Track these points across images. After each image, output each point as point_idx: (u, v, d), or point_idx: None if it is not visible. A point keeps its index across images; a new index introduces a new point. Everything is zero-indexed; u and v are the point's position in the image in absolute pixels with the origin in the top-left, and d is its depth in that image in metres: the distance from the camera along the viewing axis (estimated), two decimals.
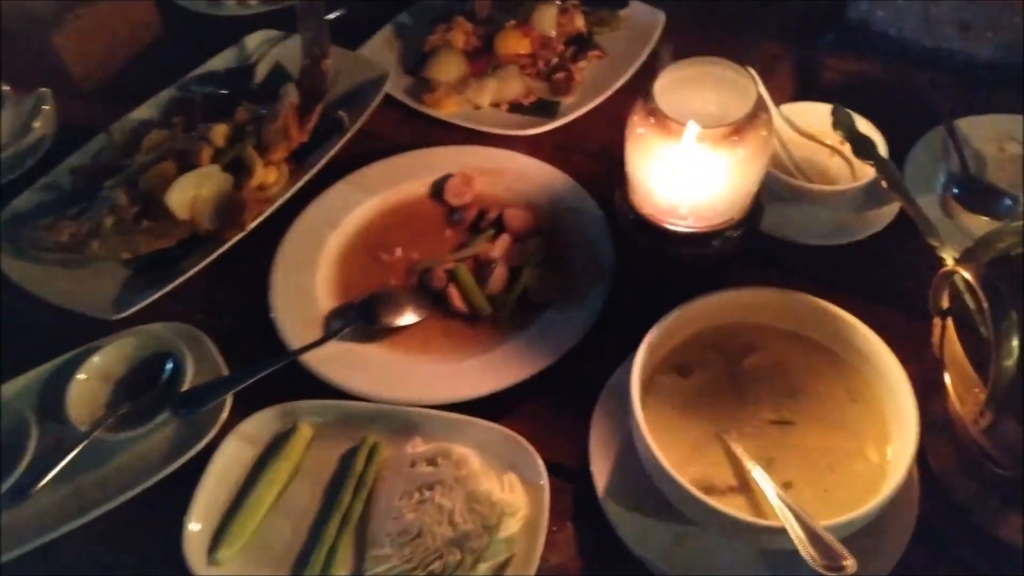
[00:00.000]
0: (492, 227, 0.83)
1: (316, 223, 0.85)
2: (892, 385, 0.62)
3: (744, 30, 1.06)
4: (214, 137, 0.89)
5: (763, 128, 0.62)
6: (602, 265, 0.78)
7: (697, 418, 0.65)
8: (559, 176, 0.87)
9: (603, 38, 1.03)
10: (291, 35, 1.03)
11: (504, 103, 0.97)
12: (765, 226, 0.81)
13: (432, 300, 0.79)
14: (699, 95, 0.63)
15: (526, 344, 0.74)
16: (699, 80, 0.63)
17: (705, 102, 0.63)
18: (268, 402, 0.71)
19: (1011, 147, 0.88)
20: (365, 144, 0.94)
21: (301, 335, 0.76)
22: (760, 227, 0.71)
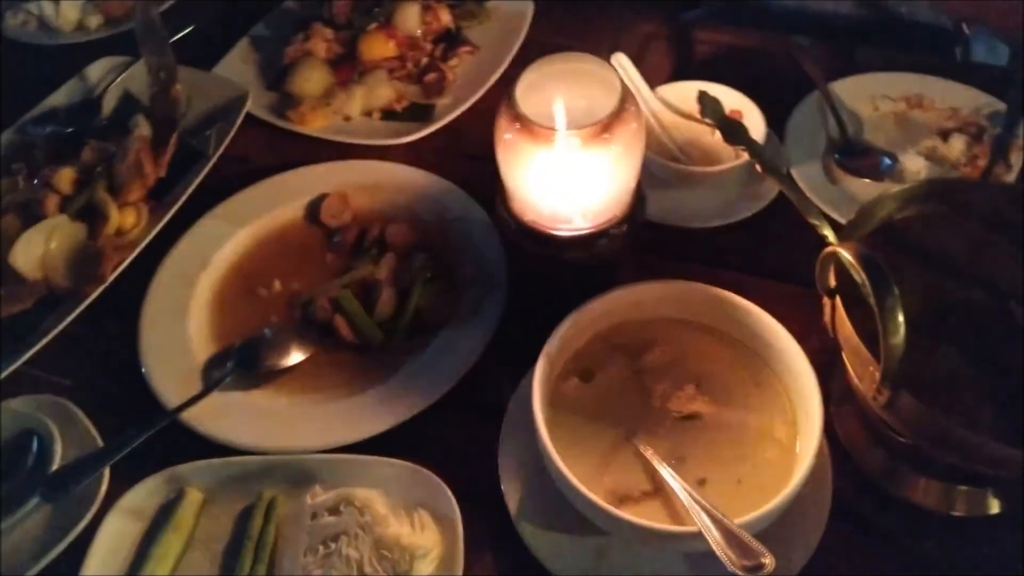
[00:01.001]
0: (375, 247, 0.79)
1: (184, 265, 0.79)
2: (792, 366, 0.62)
3: (616, 10, 1.05)
4: (59, 183, 0.82)
5: (633, 120, 0.60)
6: (494, 276, 0.75)
7: (605, 424, 0.64)
8: (440, 183, 0.84)
9: (473, 32, 1.00)
10: (139, 60, 0.96)
11: (376, 111, 0.93)
12: (654, 214, 0.80)
13: (319, 334, 0.74)
14: (565, 93, 0.61)
15: (423, 369, 0.71)
16: (563, 77, 0.61)
17: (572, 99, 0.61)
18: (150, 470, 0.66)
19: (884, 105, 0.90)
20: (231, 170, 0.89)
21: (178, 391, 0.71)
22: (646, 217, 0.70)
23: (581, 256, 0.67)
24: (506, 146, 0.61)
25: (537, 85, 0.61)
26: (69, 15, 1.06)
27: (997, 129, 0.83)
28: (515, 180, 0.63)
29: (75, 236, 0.79)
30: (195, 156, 0.88)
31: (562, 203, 0.63)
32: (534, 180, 0.61)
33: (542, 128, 0.58)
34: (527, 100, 0.59)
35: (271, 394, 0.71)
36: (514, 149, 0.60)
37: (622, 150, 0.60)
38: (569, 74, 0.62)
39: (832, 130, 0.86)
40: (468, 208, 0.81)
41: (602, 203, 0.64)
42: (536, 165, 0.60)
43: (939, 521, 0.63)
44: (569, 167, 0.60)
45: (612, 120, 0.58)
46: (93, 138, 0.88)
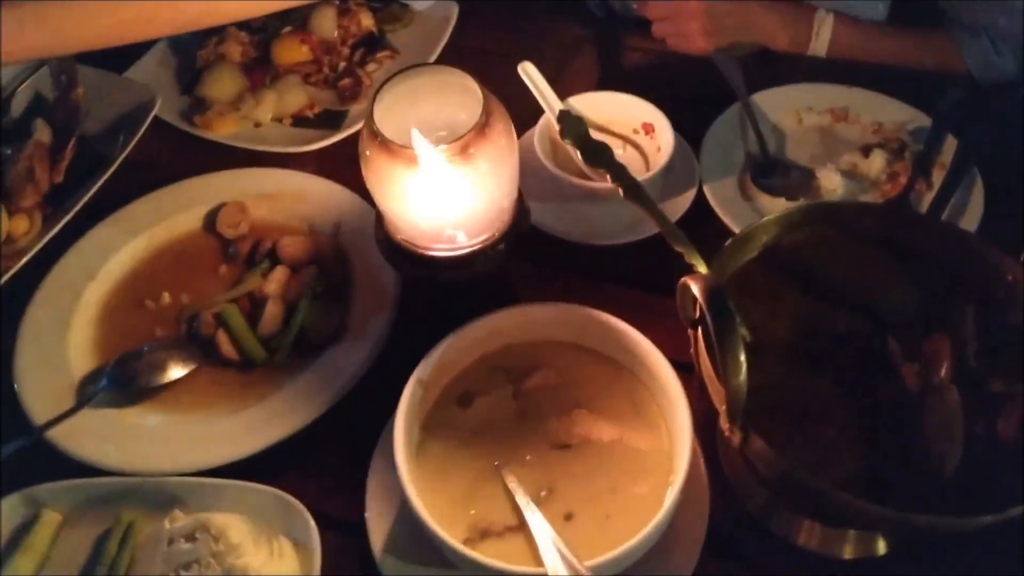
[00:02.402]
0: (267, 259, 0.77)
1: (71, 275, 0.77)
2: (670, 395, 0.59)
3: (542, 16, 1.02)
4: None
5: (501, 136, 0.57)
6: (383, 295, 0.73)
7: (478, 452, 0.61)
8: (342, 194, 0.81)
9: (396, 36, 0.98)
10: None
11: (287, 117, 0.90)
12: (554, 228, 0.77)
13: (202, 350, 0.72)
14: (431, 108, 0.59)
15: (302, 391, 0.68)
16: (429, 91, 0.58)
17: (441, 114, 0.59)
18: (11, 490, 0.64)
19: (809, 118, 0.87)
20: (138, 177, 0.86)
21: (49, 406, 0.68)
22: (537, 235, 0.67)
23: (459, 276, 0.64)
24: (369, 164, 0.58)
25: (403, 99, 0.58)
26: None
27: (919, 146, 0.80)
28: (383, 199, 0.60)
29: None
30: (99, 162, 0.86)
31: (431, 222, 0.60)
32: (398, 199, 0.59)
33: (400, 147, 0.55)
34: (390, 116, 0.57)
35: (145, 412, 0.69)
36: (376, 168, 0.58)
37: (489, 166, 0.57)
38: (439, 87, 0.59)
39: (751, 144, 0.83)
40: (365, 222, 0.78)
41: (474, 221, 0.61)
42: (399, 184, 0.58)
43: (824, 562, 0.60)
44: (433, 186, 0.57)
45: (474, 137, 0.55)
46: None
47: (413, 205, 0.59)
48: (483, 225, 0.62)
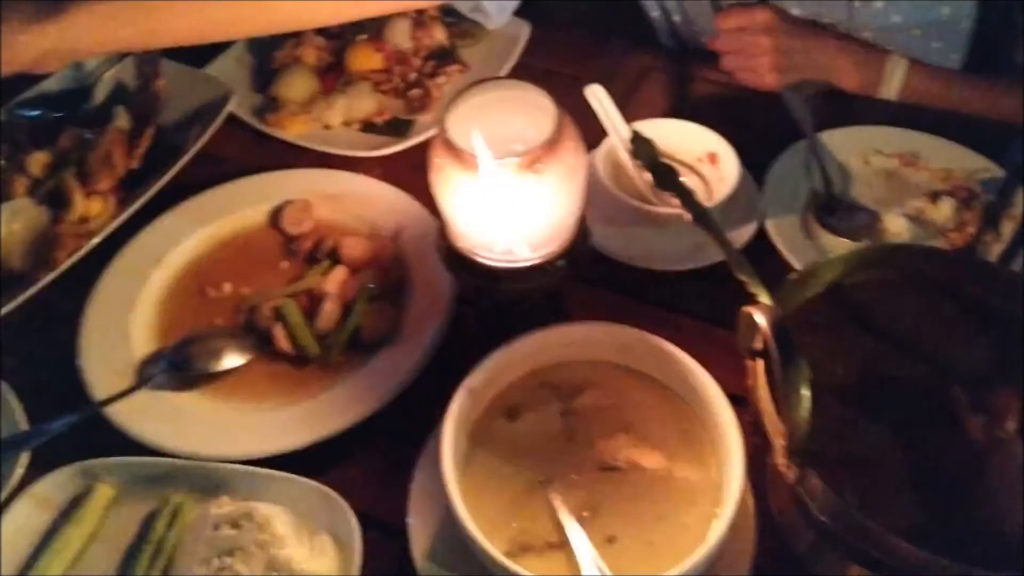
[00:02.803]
0: (328, 258, 0.78)
1: (138, 259, 0.79)
2: (721, 427, 0.59)
3: (616, 39, 1.03)
4: (31, 166, 0.83)
5: (570, 153, 0.57)
6: (439, 300, 0.73)
7: (524, 466, 0.61)
8: (404, 200, 0.82)
9: (467, 51, 0.99)
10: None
11: (356, 122, 0.92)
12: (614, 251, 0.77)
13: (259, 341, 0.73)
14: (502, 121, 0.59)
15: (353, 389, 0.69)
16: (501, 104, 0.59)
17: (512, 128, 0.59)
18: (68, 461, 0.65)
19: (877, 160, 0.86)
20: (208, 169, 0.88)
21: (111, 385, 0.70)
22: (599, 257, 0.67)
23: (517, 288, 0.64)
24: (437, 171, 0.59)
25: (475, 112, 0.59)
26: None
27: (990, 196, 0.79)
28: (448, 206, 0.60)
29: (37, 220, 0.79)
30: (173, 151, 0.88)
31: (494, 233, 0.61)
32: (463, 208, 0.59)
33: (469, 155, 0.56)
34: (462, 126, 0.57)
35: (200, 397, 0.70)
36: (444, 175, 0.58)
37: (557, 182, 0.58)
38: (512, 102, 0.60)
39: (816, 182, 0.82)
40: (425, 228, 0.79)
41: (537, 236, 0.61)
42: (466, 193, 0.58)
43: None
44: (500, 198, 0.58)
45: (545, 151, 0.56)
46: (78, 125, 0.89)
47: (478, 215, 0.60)
48: (545, 240, 0.62)
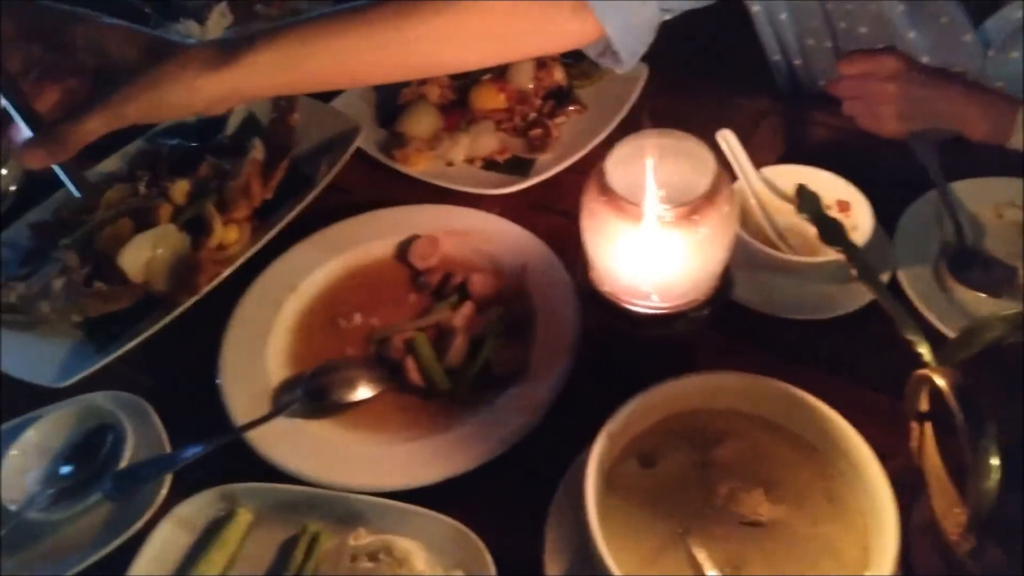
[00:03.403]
0: (456, 293, 0.78)
1: (273, 286, 0.80)
2: (871, 486, 0.56)
3: (731, 83, 1.02)
4: (174, 194, 0.85)
5: (725, 204, 0.57)
6: (567, 339, 0.73)
7: (660, 515, 0.60)
8: (528, 239, 0.82)
9: (584, 92, 0.99)
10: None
11: (478, 160, 0.93)
12: (742, 297, 0.75)
13: (389, 373, 0.74)
14: (658, 169, 0.58)
15: (483, 425, 0.69)
16: (658, 153, 0.58)
17: (665, 176, 0.59)
18: (209, 483, 0.67)
19: (1010, 213, 0.82)
20: (334, 200, 0.90)
21: (248, 410, 0.71)
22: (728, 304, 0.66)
23: (655, 334, 0.64)
24: (591, 215, 0.58)
25: (631, 158, 0.58)
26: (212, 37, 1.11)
27: None
28: (596, 250, 0.60)
29: (179, 245, 0.81)
30: (303, 182, 0.90)
31: (642, 280, 0.60)
32: (615, 253, 0.59)
33: (629, 203, 0.55)
34: (618, 172, 0.57)
35: (335, 427, 0.71)
36: (599, 219, 0.58)
37: (710, 233, 0.57)
38: (665, 150, 0.59)
39: (948, 234, 0.79)
40: (551, 267, 0.79)
41: (684, 285, 0.60)
42: (619, 239, 0.58)
43: None
44: (653, 246, 0.57)
45: (703, 202, 0.55)
46: (213, 155, 0.92)
47: (629, 261, 0.59)
48: (690, 289, 0.61)
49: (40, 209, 0.91)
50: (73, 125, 0.58)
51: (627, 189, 0.56)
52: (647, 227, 0.56)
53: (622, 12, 0.77)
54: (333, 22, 0.65)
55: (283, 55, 0.64)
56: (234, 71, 0.62)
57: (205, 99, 0.62)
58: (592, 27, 0.77)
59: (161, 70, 0.60)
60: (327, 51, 0.66)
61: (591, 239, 0.60)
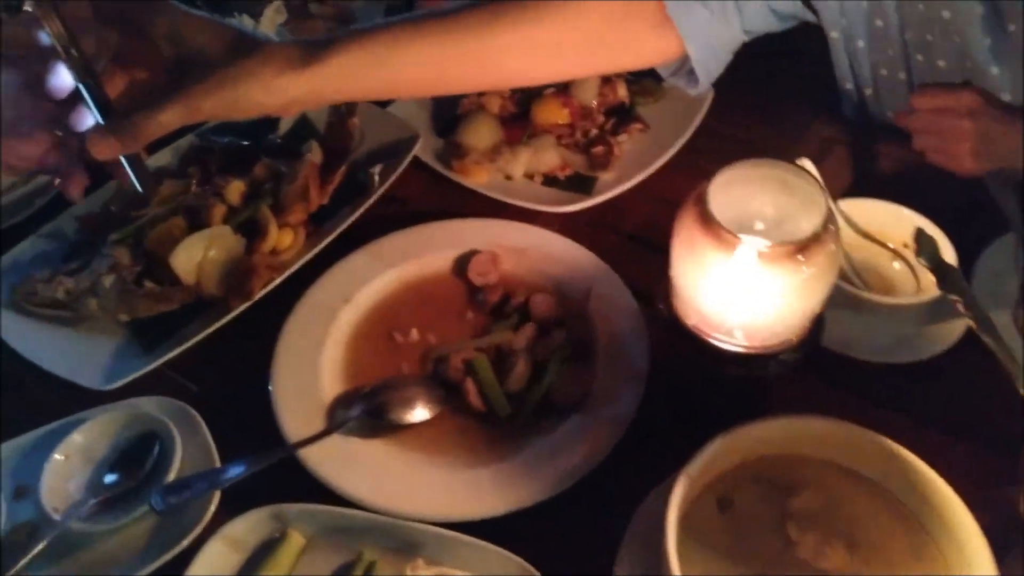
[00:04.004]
0: (516, 314, 0.74)
1: (328, 296, 0.77)
2: (965, 547, 0.53)
3: (796, 108, 0.98)
4: (229, 194, 0.82)
5: (831, 242, 0.53)
6: (634, 367, 0.69)
7: (738, 562, 0.56)
8: (591, 260, 0.78)
9: (646, 109, 0.95)
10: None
11: (538, 175, 0.89)
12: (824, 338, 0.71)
13: (447, 393, 0.70)
14: (761, 202, 0.55)
15: (547, 455, 0.65)
16: (760, 184, 0.55)
17: (767, 209, 0.55)
18: (259, 501, 0.63)
19: None
20: (388, 209, 0.86)
21: (301, 425, 0.67)
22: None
23: (739, 373, 0.60)
24: (687, 245, 0.55)
25: (732, 186, 0.54)
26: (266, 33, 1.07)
27: None
28: (687, 281, 0.56)
29: (233, 248, 0.78)
30: (357, 189, 0.86)
31: (734, 317, 0.56)
32: (709, 286, 0.55)
33: (730, 235, 0.51)
34: (718, 200, 0.53)
35: (391, 448, 0.67)
36: (695, 250, 0.54)
37: (815, 273, 0.53)
38: (767, 180, 0.55)
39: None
40: (616, 290, 0.75)
41: (779, 325, 0.56)
42: (715, 272, 0.54)
43: None
44: (752, 282, 0.53)
45: (811, 242, 0.51)
46: (266, 155, 0.88)
47: (723, 296, 0.55)
48: (783, 328, 0.57)
49: (87, 201, 0.88)
50: (147, 116, 0.55)
51: (727, 220, 0.52)
52: (746, 262, 0.52)
53: (706, 32, 0.73)
54: (419, 28, 0.62)
55: (366, 60, 0.60)
56: (315, 73, 0.58)
57: (282, 100, 0.59)
58: (674, 46, 0.74)
59: (241, 66, 0.57)
60: (411, 58, 0.62)
61: (683, 269, 0.56)
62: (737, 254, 0.53)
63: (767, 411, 0.59)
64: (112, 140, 0.54)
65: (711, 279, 0.55)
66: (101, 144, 0.54)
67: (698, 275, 0.55)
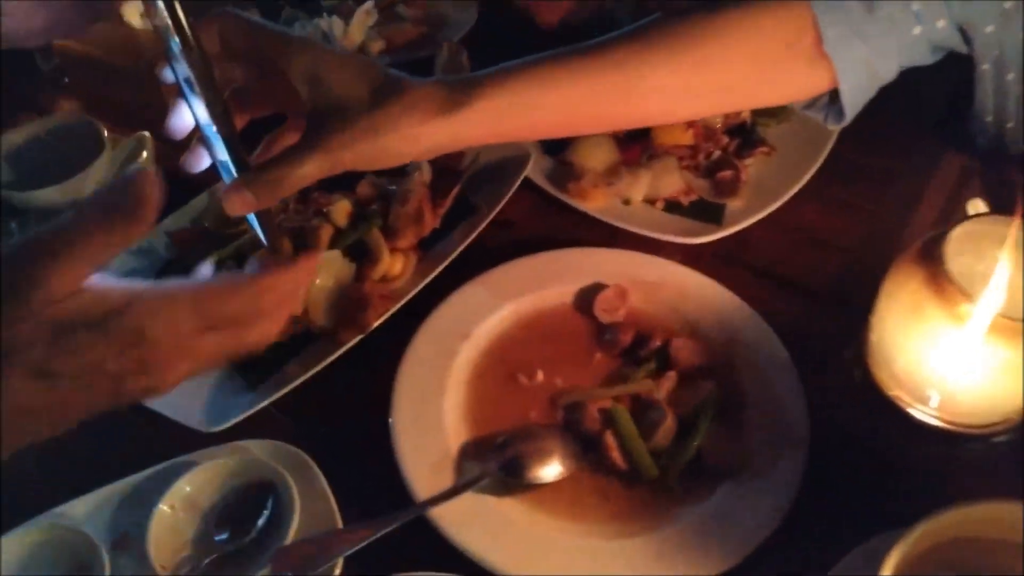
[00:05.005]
0: (654, 359, 0.66)
1: (446, 332, 0.69)
2: None
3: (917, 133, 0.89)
4: (336, 215, 0.74)
5: None
6: (794, 429, 0.61)
7: None
8: (730, 300, 0.70)
9: (768, 131, 0.86)
10: None
11: (659, 200, 0.80)
12: None
13: (582, 444, 0.62)
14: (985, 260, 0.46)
15: (705, 527, 0.57)
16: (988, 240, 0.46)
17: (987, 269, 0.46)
18: (384, 565, 0.55)
19: None
20: (497, 233, 0.78)
21: (427, 476, 0.60)
22: None
23: (940, 451, 0.52)
24: (903, 303, 0.47)
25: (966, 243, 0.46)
26: (355, 36, 0.99)
27: None
28: (894, 338, 0.48)
29: (342, 275, 0.70)
30: (466, 211, 0.78)
31: (951, 391, 0.48)
32: (921, 349, 0.47)
33: (965, 300, 0.43)
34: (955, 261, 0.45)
35: (526, 509, 0.59)
36: (917, 311, 0.46)
37: None
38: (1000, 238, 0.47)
39: None
40: (763, 336, 0.67)
41: (1000, 402, 0.48)
42: (937, 337, 0.45)
43: None
44: (979, 353, 0.45)
45: None
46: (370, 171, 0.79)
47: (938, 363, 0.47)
48: (1002, 407, 0.49)
49: (177, 215, 0.80)
50: (287, 170, 0.47)
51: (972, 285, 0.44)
52: (980, 332, 0.44)
53: (862, 68, 0.65)
54: (562, 68, 0.54)
55: (510, 104, 0.52)
56: (457, 119, 0.50)
57: (423, 149, 0.51)
58: (825, 81, 0.66)
59: (382, 115, 0.49)
60: (556, 101, 0.55)
61: (893, 330, 0.48)
62: (964, 319, 0.44)
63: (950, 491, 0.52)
64: (248, 195, 0.46)
65: (929, 341, 0.46)
66: (237, 200, 0.46)
67: (913, 334, 0.47)
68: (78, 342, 0.37)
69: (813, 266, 0.76)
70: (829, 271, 0.76)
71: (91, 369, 0.38)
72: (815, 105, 0.73)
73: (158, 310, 0.39)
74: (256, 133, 0.54)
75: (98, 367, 0.38)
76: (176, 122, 0.49)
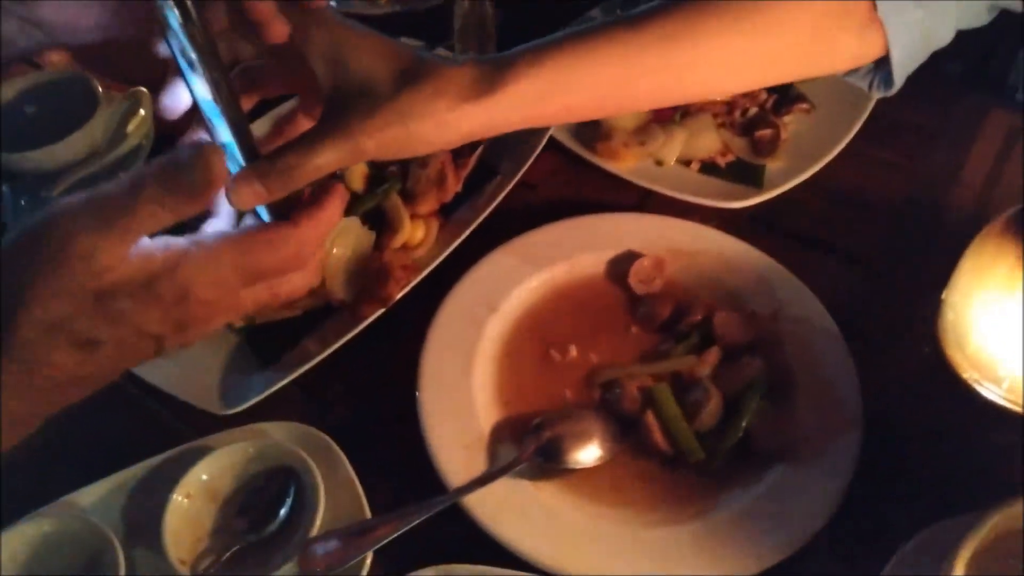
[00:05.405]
0: (695, 334, 0.62)
1: (472, 304, 0.64)
2: None
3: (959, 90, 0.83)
4: (351, 178, 0.68)
5: None
6: (847, 411, 0.56)
7: None
8: (775, 269, 0.65)
9: (806, 87, 0.80)
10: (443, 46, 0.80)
11: (695, 161, 0.74)
12: None
13: (621, 426, 0.58)
14: None
15: (754, 514, 0.53)
16: None
17: None
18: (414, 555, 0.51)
19: None
20: (517, 196, 0.72)
21: (459, 461, 0.56)
22: None
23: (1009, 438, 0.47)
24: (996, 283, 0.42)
25: None
26: None
27: None
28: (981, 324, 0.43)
29: (361, 244, 0.64)
30: (486, 174, 0.72)
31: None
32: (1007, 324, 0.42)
33: None
34: None
35: (563, 494, 0.55)
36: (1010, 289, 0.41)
37: None
38: None
39: None
40: (810, 309, 0.62)
41: None
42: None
43: None
44: None
45: None
46: None
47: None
48: None
49: None
50: (302, 158, 0.40)
51: None
52: None
53: (914, 34, 0.58)
54: (604, 43, 0.47)
55: (545, 86, 0.46)
56: (491, 104, 0.44)
57: (454, 136, 0.45)
58: (876, 49, 0.60)
59: (411, 99, 0.42)
60: (593, 81, 0.48)
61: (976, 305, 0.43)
62: None
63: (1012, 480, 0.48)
64: (258, 186, 0.40)
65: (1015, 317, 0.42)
66: (246, 191, 0.40)
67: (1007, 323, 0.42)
68: (122, 309, 0.36)
69: (857, 231, 0.71)
70: (875, 236, 0.71)
71: (133, 333, 0.37)
72: (858, 72, 0.67)
73: (203, 268, 0.38)
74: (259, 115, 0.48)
75: (140, 330, 0.37)
76: (170, 100, 0.43)
